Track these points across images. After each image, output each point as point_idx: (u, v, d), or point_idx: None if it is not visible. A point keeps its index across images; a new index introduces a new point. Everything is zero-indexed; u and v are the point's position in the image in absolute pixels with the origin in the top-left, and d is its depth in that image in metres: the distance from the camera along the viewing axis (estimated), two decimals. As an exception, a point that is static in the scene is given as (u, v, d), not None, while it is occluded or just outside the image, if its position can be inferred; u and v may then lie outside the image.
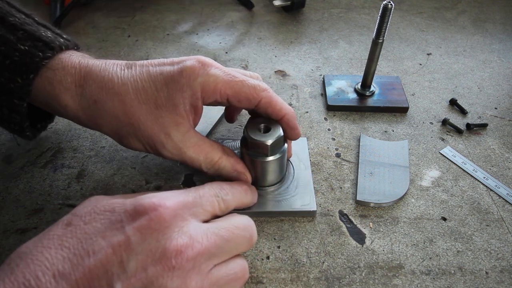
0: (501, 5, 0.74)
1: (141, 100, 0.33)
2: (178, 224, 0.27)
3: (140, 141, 0.34)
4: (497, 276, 0.35)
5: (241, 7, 0.73)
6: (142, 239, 0.26)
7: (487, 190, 0.42)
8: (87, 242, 0.26)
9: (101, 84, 0.33)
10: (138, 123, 0.33)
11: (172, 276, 0.25)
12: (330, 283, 0.34)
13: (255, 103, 0.35)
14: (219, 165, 0.36)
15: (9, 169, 0.43)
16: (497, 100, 0.54)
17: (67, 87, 0.33)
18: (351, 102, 0.51)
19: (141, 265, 0.25)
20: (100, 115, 0.33)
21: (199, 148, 0.34)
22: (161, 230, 0.26)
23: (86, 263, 0.25)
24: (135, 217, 0.27)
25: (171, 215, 0.27)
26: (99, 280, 0.24)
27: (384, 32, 0.46)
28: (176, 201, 0.28)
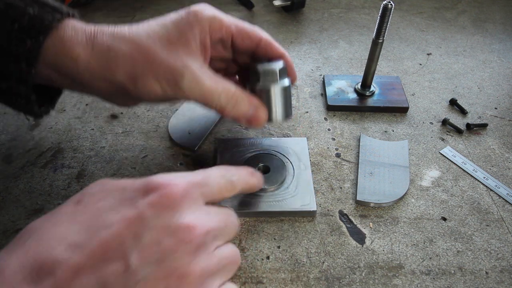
0: (501, 5, 0.74)
1: (155, 39, 0.33)
2: (188, 202, 0.28)
3: (157, 79, 0.33)
4: (497, 276, 0.35)
5: (241, 7, 0.73)
6: (155, 214, 0.26)
7: (487, 190, 0.42)
8: (100, 217, 0.26)
9: (113, 34, 0.33)
10: (154, 57, 0.33)
11: (184, 251, 0.26)
12: (330, 283, 0.34)
13: (256, 41, 0.37)
14: (237, 97, 0.35)
15: (9, 169, 0.43)
16: (497, 100, 0.54)
17: (79, 40, 0.33)
18: (351, 102, 0.51)
19: (155, 239, 0.25)
20: (114, 59, 0.33)
21: (216, 79, 0.35)
22: (173, 206, 0.27)
23: (101, 235, 0.25)
24: (146, 193, 0.27)
25: (182, 193, 0.27)
26: (113, 252, 0.24)
27: (384, 32, 0.46)
28: (186, 180, 0.29)
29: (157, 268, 0.25)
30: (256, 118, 0.37)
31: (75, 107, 0.51)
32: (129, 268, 0.24)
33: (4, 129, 0.48)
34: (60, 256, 0.24)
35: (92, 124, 0.49)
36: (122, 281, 0.24)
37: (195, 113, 0.50)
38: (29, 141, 0.46)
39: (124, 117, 0.50)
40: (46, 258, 0.24)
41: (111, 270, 0.24)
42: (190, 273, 0.26)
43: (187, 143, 0.46)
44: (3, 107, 0.51)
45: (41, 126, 0.48)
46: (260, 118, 0.37)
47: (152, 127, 0.48)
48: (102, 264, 0.24)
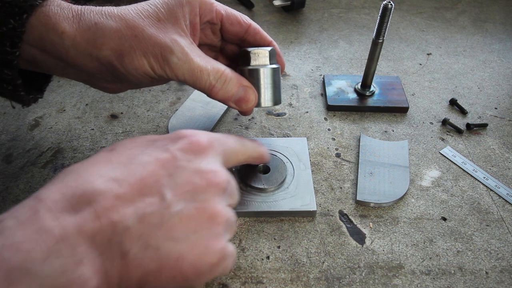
0: (501, 5, 0.74)
1: (144, 16, 0.33)
2: (212, 152, 0.30)
3: (144, 54, 0.33)
4: (497, 276, 0.35)
5: (241, 7, 0.73)
6: (186, 157, 0.28)
7: (487, 190, 0.42)
8: (136, 158, 0.27)
9: (101, 11, 0.33)
10: (142, 33, 0.33)
11: (212, 192, 0.27)
12: (330, 283, 0.34)
13: (245, 27, 0.38)
14: (226, 76, 0.35)
15: (9, 169, 0.43)
16: (497, 100, 0.54)
17: (65, 16, 0.32)
18: (351, 102, 0.51)
19: (187, 178, 0.27)
20: (101, 34, 0.32)
21: (205, 58, 0.35)
22: (200, 152, 0.29)
23: (137, 173, 0.26)
24: (176, 140, 0.29)
25: (208, 143, 0.30)
26: (150, 187, 0.26)
27: (384, 32, 0.46)
28: (210, 135, 0.31)
29: (190, 204, 0.26)
30: (246, 100, 0.37)
31: (75, 107, 0.51)
32: (165, 202, 0.25)
33: (4, 129, 0.48)
34: (101, 186, 0.25)
35: (92, 124, 0.49)
36: (158, 213, 0.25)
37: (195, 113, 0.50)
38: (29, 141, 0.46)
39: (124, 117, 0.50)
40: (86, 188, 0.24)
41: (148, 203, 0.25)
42: (219, 214, 0.27)
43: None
44: (3, 107, 0.51)
45: (41, 126, 0.48)
46: (250, 100, 0.37)
47: (152, 127, 0.48)
48: (140, 197, 0.25)
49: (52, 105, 0.51)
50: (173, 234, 0.25)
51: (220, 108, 0.50)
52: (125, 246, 0.24)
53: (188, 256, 0.25)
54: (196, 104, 0.51)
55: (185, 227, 0.26)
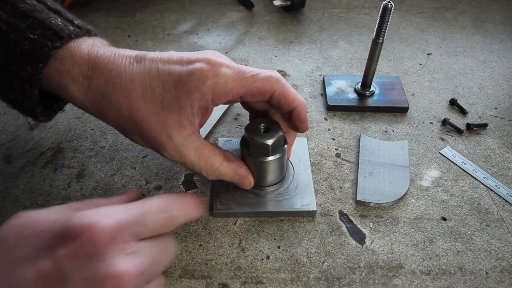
0: (501, 5, 0.74)
1: (147, 99, 0.32)
2: (116, 247, 0.24)
3: (142, 138, 0.34)
4: (497, 276, 0.35)
5: (241, 7, 0.73)
6: (76, 266, 0.23)
7: (487, 190, 0.42)
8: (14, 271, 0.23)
9: (109, 77, 0.32)
10: (141, 121, 0.32)
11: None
12: (330, 283, 0.34)
13: (268, 95, 0.34)
14: (219, 172, 0.35)
15: (9, 169, 0.43)
16: (497, 100, 0.54)
17: (75, 78, 0.32)
18: (351, 102, 0.51)
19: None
20: (107, 108, 0.33)
21: (200, 152, 0.34)
22: (97, 254, 0.23)
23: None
24: (66, 241, 0.24)
25: (109, 238, 0.24)
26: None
27: (384, 32, 0.46)
28: (116, 220, 0.25)
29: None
30: (241, 185, 0.38)
31: (75, 107, 0.51)
32: None
33: (4, 129, 0.48)
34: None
35: (92, 124, 0.49)
36: None
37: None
38: (29, 141, 0.46)
39: (124, 117, 0.50)
40: None
41: None
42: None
43: (187, 143, 0.46)
44: (3, 107, 0.51)
45: (41, 126, 0.48)
46: (245, 186, 0.38)
47: (152, 127, 0.48)
48: None
49: (52, 105, 0.51)
50: None
51: (220, 108, 0.50)
52: None
53: None
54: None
55: None
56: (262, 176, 0.38)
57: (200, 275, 0.35)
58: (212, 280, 0.34)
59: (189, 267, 0.35)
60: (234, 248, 0.37)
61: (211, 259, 0.36)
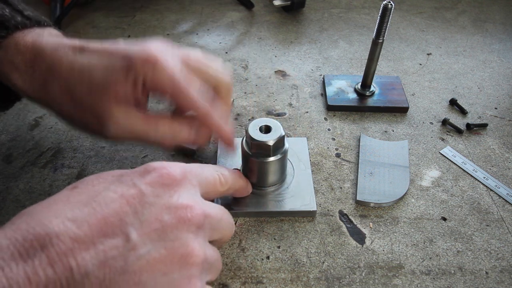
0: (501, 5, 0.74)
1: (85, 81, 0.32)
2: (185, 185, 0.28)
3: (83, 122, 0.34)
4: (497, 276, 0.35)
5: (241, 7, 0.73)
6: (155, 193, 0.26)
7: (487, 190, 0.42)
8: (99, 196, 0.25)
9: (50, 65, 0.33)
10: (80, 102, 0.33)
11: (184, 229, 0.25)
12: (330, 283, 0.34)
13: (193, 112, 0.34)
14: (174, 128, 0.35)
15: (9, 169, 0.43)
16: (497, 100, 0.54)
17: (17, 66, 0.33)
18: (351, 102, 0.51)
19: (156, 216, 0.25)
20: (48, 95, 0.33)
21: (147, 119, 0.33)
22: (172, 186, 0.27)
23: (99, 212, 0.24)
24: (145, 174, 0.27)
25: (181, 176, 0.28)
26: (113, 228, 0.24)
27: (384, 32, 0.46)
28: (184, 166, 0.29)
29: (159, 245, 0.24)
30: (198, 141, 0.36)
31: (75, 107, 0.51)
32: (130, 243, 0.23)
33: (4, 129, 0.48)
34: (55, 228, 0.22)
35: (92, 124, 0.49)
36: (122, 257, 0.23)
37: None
38: (29, 141, 0.46)
39: (124, 117, 0.50)
40: (39, 231, 0.22)
41: (111, 245, 0.23)
42: (192, 253, 0.25)
43: (187, 143, 0.46)
44: (3, 107, 0.51)
45: (41, 126, 0.48)
46: (202, 140, 0.36)
47: (152, 127, 0.48)
48: (101, 239, 0.23)
49: (52, 105, 0.51)
50: (139, 279, 0.23)
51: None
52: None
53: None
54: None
55: (153, 270, 0.23)
56: (263, 177, 0.38)
57: (200, 275, 0.35)
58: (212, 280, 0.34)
59: (189, 267, 0.35)
60: (234, 248, 0.37)
61: (211, 259, 0.36)
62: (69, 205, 0.24)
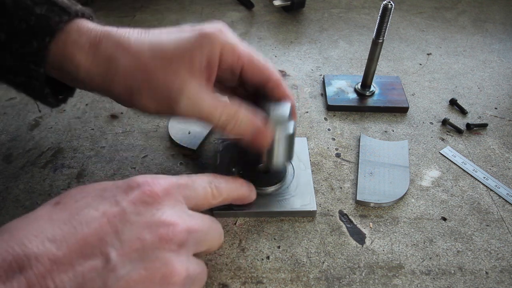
0: (501, 5, 0.74)
1: (157, 56, 0.32)
2: (169, 201, 0.27)
3: (152, 97, 0.33)
4: (497, 276, 0.35)
5: (241, 7, 0.73)
6: (136, 211, 0.26)
7: (487, 190, 0.42)
8: (80, 214, 0.25)
9: (117, 43, 0.33)
10: (152, 76, 0.32)
11: (166, 248, 0.25)
12: (330, 283, 0.34)
13: (265, 79, 0.36)
14: (238, 117, 0.34)
15: (9, 169, 0.43)
16: (497, 100, 0.54)
17: (82, 46, 0.32)
18: (351, 102, 0.51)
19: (136, 235, 0.25)
20: (114, 71, 0.33)
21: (217, 100, 0.33)
22: (154, 204, 0.27)
23: (79, 232, 0.24)
24: (128, 191, 0.27)
25: (164, 192, 0.27)
26: (93, 248, 0.24)
27: (384, 32, 0.46)
28: (169, 181, 0.29)
29: (139, 265, 0.24)
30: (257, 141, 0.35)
31: (75, 107, 0.51)
32: (109, 264, 0.23)
33: (4, 129, 0.48)
34: (36, 248, 0.22)
35: (92, 124, 0.49)
36: (101, 279, 0.23)
37: (195, 113, 0.50)
38: (29, 141, 0.46)
39: (124, 117, 0.50)
40: (19, 252, 0.22)
41: (90, 266, 0.23)
42: (174, 272, 0.25)
43: (187, 143, 0.46)
44: (3, 107, 0.51)
45: (41, 126, 0.48)
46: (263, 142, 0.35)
47: (152, 127, 0.48)
48: (80, 260, 0.23)
49: (52, 105, 0.51)
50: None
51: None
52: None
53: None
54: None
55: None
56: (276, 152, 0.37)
57: (200, 275, 0.35)
58: (212, 280, 0.34)
59: (189, 267, 0.35)
60: (234, 248, 0.37)
61: (211, 259, 0.36)
62: (50, 223, 0.24)
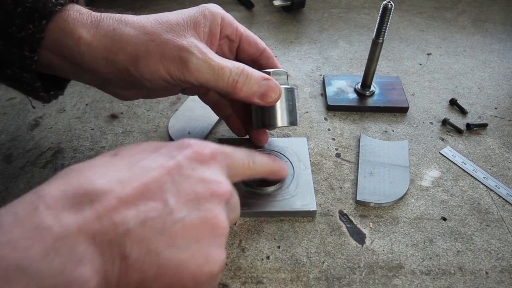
0: (501, 5, 0.74)
1: (163, 22, 0.34)
2: (215, 164, 0.29)
3: (160, 58, 0.33)
4: (497, 276, 0.35)
5: (241, 7, 0.73)
6: (190, 165, 0.28)
7: (487, 190, 0.42)
8: (140, 163, 0.27)
9: (120, 19, 0.34)
10: (159, 37, 0.33)
11: (216, 202, 0.27)
12: (330, 283, 0.34)
13: (261, 50, 0.39)
14: (247, 71, 0.35)
15: (9, 169, 0.43)
16: (497, 100, 0.54)
17: (83, 22, 0.32)
18: (351, 102, 0.51)
19: (191, 187, 0.27)
20: (118, 40, 0.32)
21: (224, 58, 0.35)
22: (204, 162, 0.29)
23: (141, 177, 0.26)
24: (181, 149, 0.29)
25: (211, 155, 0.29)
26: (154, 192, 0.25)
27: (384, 32, 0.46)
28: (216, 146, 0.31)
29: (193, 213, 0.26)
30: (270, 92, 0.36)
31: (75, 107, 0.51)
32: (168, 208, 0.25)
33: (4, 129, 0.48)
34: (103, 186, 0.24)
35: (92, 124, 0.49)
36: (161, 219, 0.25)
37: (195, 113, 0.50)
38: (29, 141, 0.46)
39: (124, 117, 0.50)
40: (89, 187, 0.24)
41: (151, 207, 0.25)
42: (221, 225, 0.27)
43: (187, 143, 0.46)
44: (3, 107, 0.51)
45: (41, 126, 0.48)
46: (274, 91, 0.36)
47: (152, 127, 0.48)
48: (143, 201, 0.25)
49: (52, 105, 0.51)
50: (174, 241, 0.25)
51: (220, 108, 0.50)
52: (126, 249, 0.23)
53: (188, 265, 0.25)
54: (196, 104, 0.51)
55: (187, 235, 0.25)
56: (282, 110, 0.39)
57: (200, 275, 0.35)
58: (212, 280, 0.34)
59: (189, 267, 0.35)
60: (234, 248, 0.37)
61: (211, 259, 0.36)
62: (113, 167, 0.26)
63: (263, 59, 0.40)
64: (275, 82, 0.37)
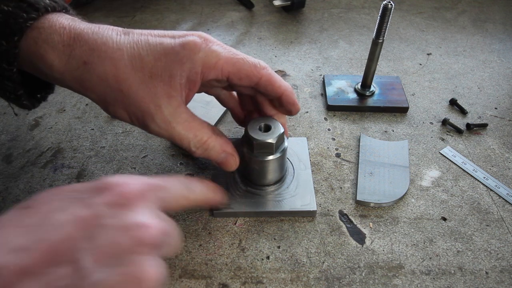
0: (501, 5, 0.74)
1: (136, 67, 0.31)
2: (143, 202, 0.26)
3: (126, 110, 0.32)
4: (497, 276, 0.35)
5: (241, 7, 0.73)
6: (110, 214, 0.24)
7: (487, 190, 0.42)
8: (50, 218, 0.24)
9: (94, 46, 0.31)
10: (128, 90, 0.31)
11: (140, 252, 0.24)
12: (330, 283, 0.34)
13: (255, 80, 0.34)
14: (208, 145, 0.34)
15: (9, 169, 0.43)
16: (497, 100, 0.54)
17: (54, 46, 0.31)
18: (351, 102, 0.51)
19: (110, 239, 0.24)
20: (89, 78, 0.31)
21: (189, 125, 0.33)
22: (127, 205, 0.25)
23: (49, 237, 0.23)
24: (100, 192, 0.26)
25: (137, 193, 0.26)
26: (63, 255, 0.22)
27: (384, 32, 0.46)
28: (142, 181, 0.28)
29: (113, 270, 0.23)
30: (225, 165, 0.36)
31: (75, 107, 0.51)
32: (81, 271, 0.22)
33: (4, 129, 0.48)
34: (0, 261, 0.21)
35: (92, 124, 0.49)
36: (74, 286, 0.22)
37: (195, 113, 0.49)
38: (29, 141, 0.46)
39: (124, 117, 0.50)
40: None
41: (60, 274, 0.22)
42: (149, 277, 0.24)
43: (187, 143, 0.46)
44: (3, 108, 0.51)
45: (41, 126, 0.48)
46: (229, 166, 0.36)
47: (152, 127, 0.48)
48: (50, 268, 0.22)
49: (52, 105, 0.51)
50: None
51: (220, 108, 0.50)
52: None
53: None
54: (196, 104, 0.51)
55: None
56: (264, 175, 0.38)
57: (200, 275, 0.35)
58: (212, 280, 0.34)
59: (189, 267, 0.35)
60: (234, 248, 0.37)
61: (211, 259, 0.36)
62: (18, 229, 0.23)
63: (260, 87, 0.35)
64: (233, 158, 0.36)
